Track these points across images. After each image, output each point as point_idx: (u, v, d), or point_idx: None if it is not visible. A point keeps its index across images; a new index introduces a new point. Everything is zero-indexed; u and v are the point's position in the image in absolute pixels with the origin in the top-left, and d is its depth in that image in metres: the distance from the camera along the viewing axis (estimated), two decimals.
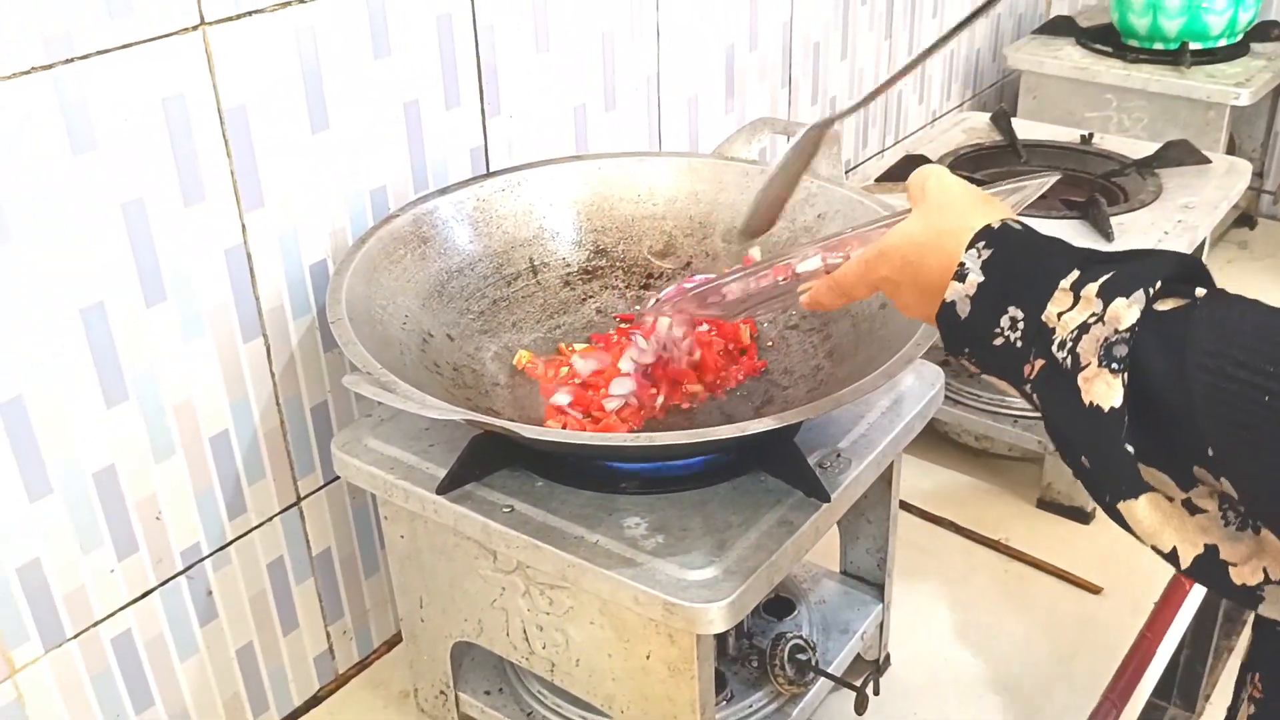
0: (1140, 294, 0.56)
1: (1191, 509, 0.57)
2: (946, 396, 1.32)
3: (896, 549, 1.07)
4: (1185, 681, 1.87)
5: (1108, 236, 1.24)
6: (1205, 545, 0.56)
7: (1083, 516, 1.29)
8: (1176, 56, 1.69)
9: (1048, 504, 1.31)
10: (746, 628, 0.99)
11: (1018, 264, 0.62)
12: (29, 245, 0.77)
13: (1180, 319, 0.55)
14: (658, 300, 0.87)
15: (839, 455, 0.87)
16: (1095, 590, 1.20)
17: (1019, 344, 0.61)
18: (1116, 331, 0.56)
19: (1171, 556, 0.57)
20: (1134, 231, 1.27)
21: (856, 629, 1.03)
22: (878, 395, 0.92)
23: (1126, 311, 0.56)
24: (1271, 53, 1.74)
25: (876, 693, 1.02)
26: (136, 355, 0.86)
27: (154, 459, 0.89)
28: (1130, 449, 0.55)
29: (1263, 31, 1.78)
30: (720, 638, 0.96)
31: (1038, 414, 0.63)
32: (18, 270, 0.77)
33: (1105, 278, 0.58)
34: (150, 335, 0.86)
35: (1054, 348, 0.59)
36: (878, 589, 1.07)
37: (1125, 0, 1.72)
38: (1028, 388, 0.62)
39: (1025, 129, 1.58)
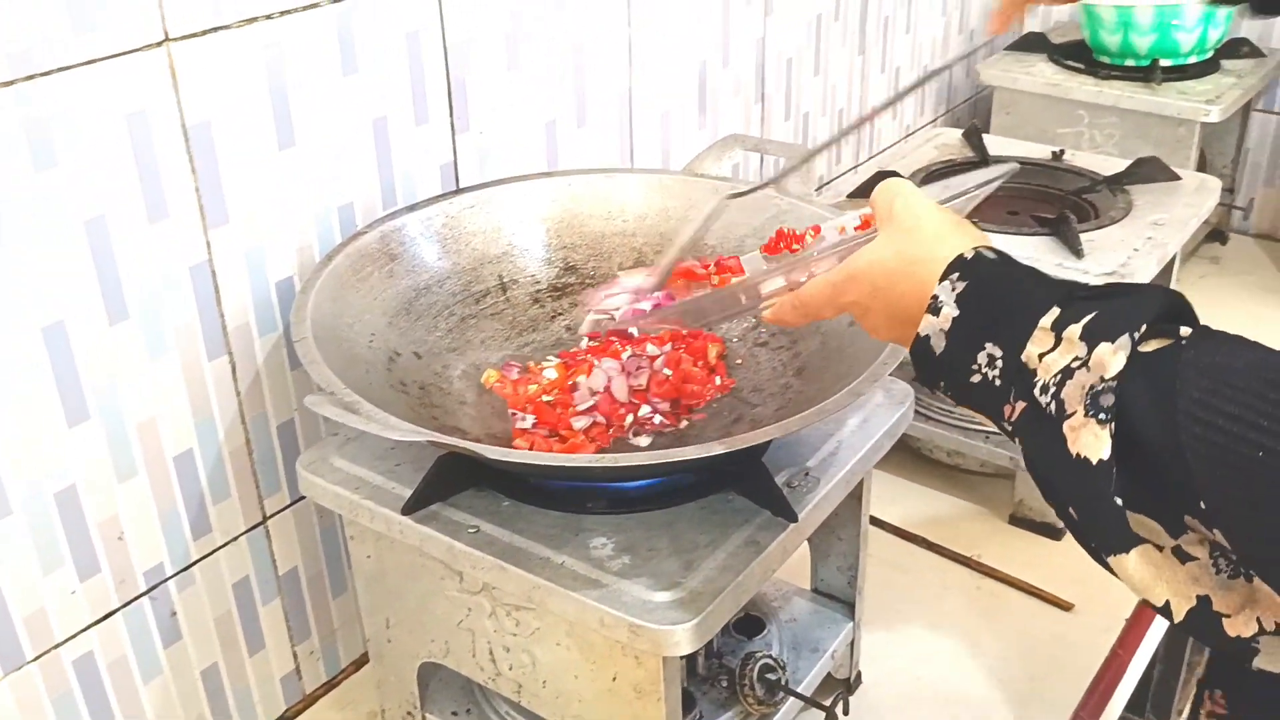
0: (1126, 339, 0.54)
1: (1182, 556, 0.55)
2: (918, 413, 1.32)
3: (868, 566, 1.06)
4: (1159, 695, 1.87)
5: (1078, 253, 1.25)
6: (1198, 597, 0.54)
7: (1054, 533, 1.29)
8: (1148, 73, 1.70)
9: (1019, 520, 1.31)
10: (716, 647, 0.99)
11: (994, 298, 0.61)
12: None
13: (1167, 362, 0.53)
14: (609, 316, 0.85)
15: (807, 474, 0.87)
16: (1067, 607, 1.20)
17: (998, 382, 0.59)
18: (1103, 379, 0.54)
19: (1165, 610, 0.55)
20: (1104, 248, 1.27)
21: (827, 647, 1.03)
22: (847, 413, 0.92)
23: (1112, 358, 0.54)
24: (1241, 70, 1.76)
25: (846, 712, 1.02)
26: (99, 374, 0.85)
27: (116, 479, 0.88)
28: (1119, 502, 0.54)
29: (1233, 49, 1.79)
30: (689, 657, 0.95)
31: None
32: None
33: (1088, 319, 0.56)
34: (113, 354, 0.86)
35: (1036, 391, 0.57)
36: (849, 607, 1.07)
37: (1096, 17, 1.73)
38: (1009, 428, 0.60)
39: (997, 145, 1.59)
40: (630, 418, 0.93)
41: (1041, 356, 0.57)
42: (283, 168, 0.93)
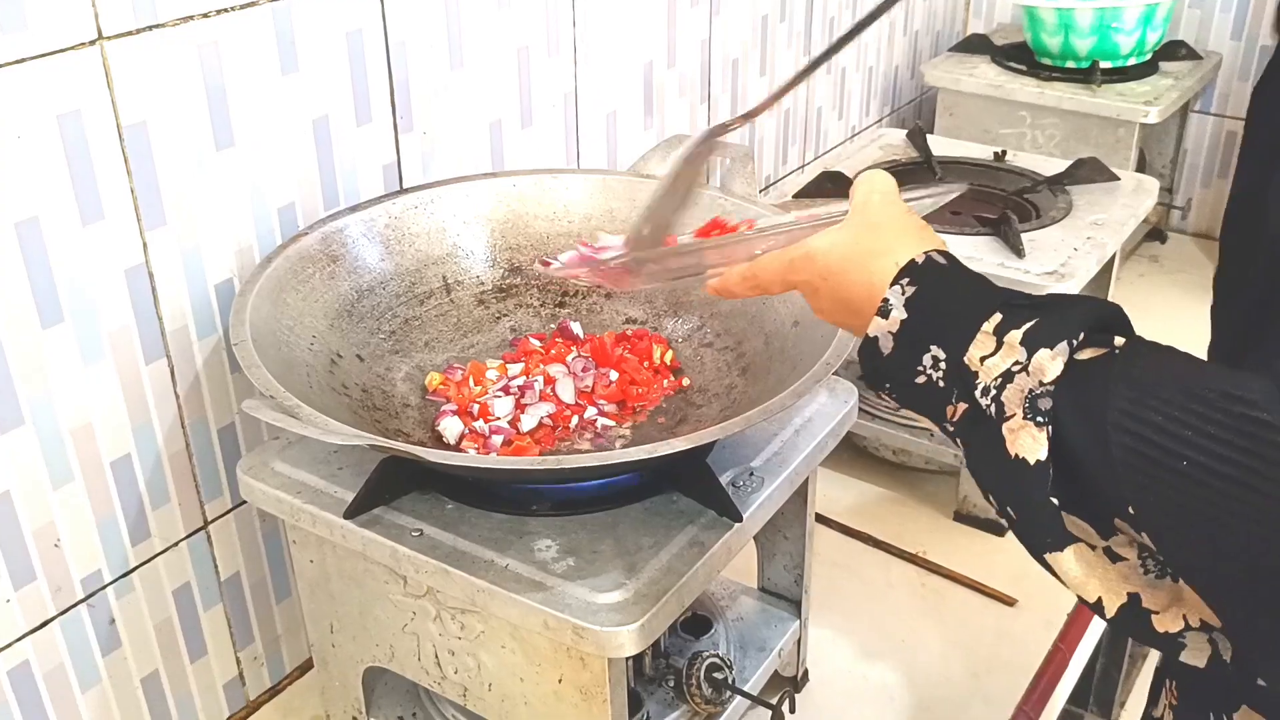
0: (1064, 345, 0.56)
1: (1113, 557, 0.57)
2: (864, 411, 1.33)
3: (815, 564, 1.07)
4: (1101, 688, 1.90)
5: (1019, 253, 1.26)
6: (1128, 594, 0.56)
7: (998, 529, 1.30)
8: (1088, 75, 1.73)
9: (964, 517, 1.33)
10: (664, 646, 0.99)
11: (940, 302, 0.62)
12: None
13: (1099, 371, 0.55)
14: (561, 264, 0.83)
15: (752, 474, 0.87)
16: (1010, 602, 1.21)
17: (941, 384, 0.61)
18: (1041, 384, 0.56)
19: (1097, 606, 0.57)
20: (1045, 248, 1.29)
21: (774, 646, 1.04)
22: (791, 413, 0.93)
23: (1050, 364, 0.56)
24: (1179, 72, 1.79)
25: (793, 710, 1.02)
26: (32, 379, 0.83)
27: (52, 485, 0.87)
28: (1055, 502, 0.56)
29: (1170, 51, 1.82)
30: (636, 658, 0.95)
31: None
32: None
33: (1028, 325, 0.58)
34: (47, 358, 0.84)
35: (977, 393, 0.59)
36: (795, 605, 1.07)
37: (1038, 19, 1.75)
38: (950, 428, 0.62)
39: (940, 146, 1.60)
40: (576, 419, 0.92)
41: (983, 359, 0.59)
42: (221, 168, 0.92)
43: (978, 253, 1.27)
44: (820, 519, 1.31)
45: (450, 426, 0.90)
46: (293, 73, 0.95)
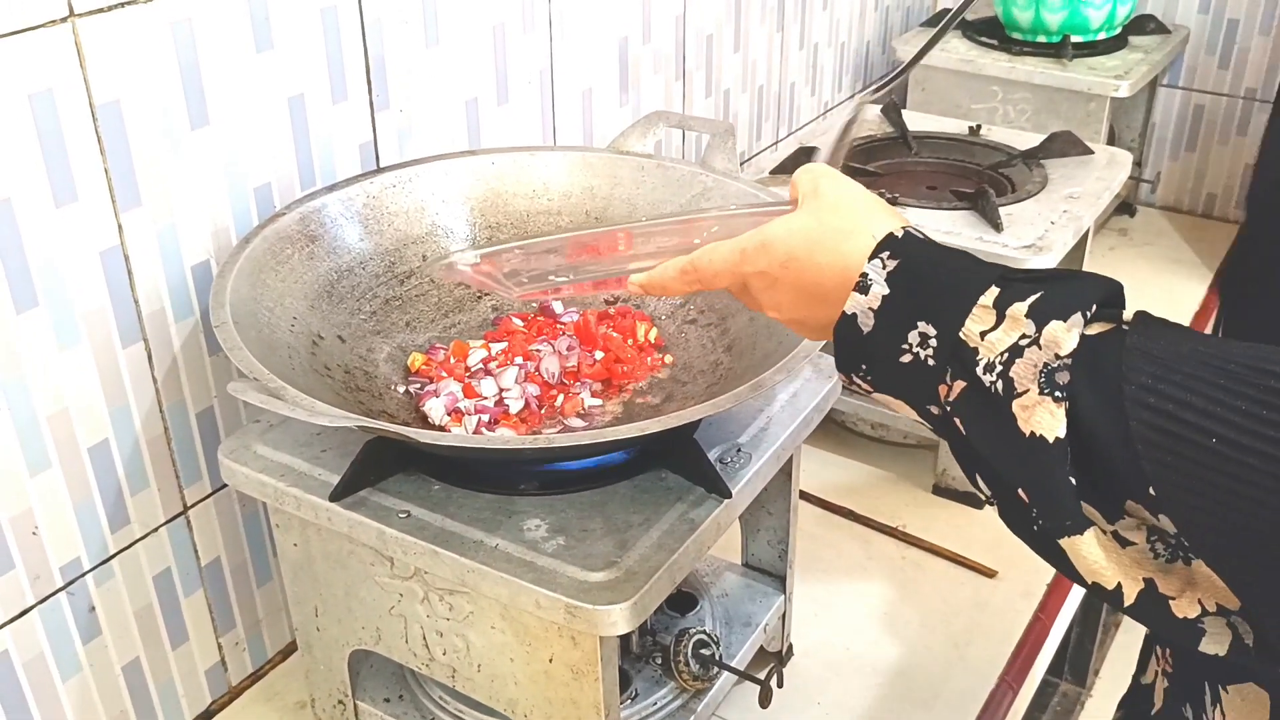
0: (1078, 317, 0.53)
1: (1121, 542, 0.54)
2: (843, 386, 1.33)
3: (797, 540, 1.07)
4: (1076, 658, 1.93)
5: (997, 227, 1.27)
6: (1144, 579, 0.54)
7: (976, 501, 1.31)
8: (1058, 49, 1.73)
9: (942, 490, 1.33)
10: (650, 624, 0.99)
11: (927, 277, 0.59)
12: None
13: (1112, 347, 0.53)
14: (455, 264, 0.75)
15: (739, 450, 0.87)
16: (990, 574, 1.22)
17: (930, 362, 0.58)
18: (1057, 357, 0.53)
19: (1115, 594, 0.54)
20: (1022, 222, 1.29)
21: (759, 621, 1.04)
22: (776, 388, 0.92)
23: (1066, 336, 0.53)
24: (1148, 46, 1.80)
25: (780, 684, 1.03)
26: (7, 364, 0.82)
27: (28, 472, 0.85)
28: (1074, 481, 0.53)
29: (1140, 25, 1.83)
30: (624, 636, 0.95)
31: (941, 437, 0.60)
32: None
33: (1034, 298, 0.55)
34: (21, 343, 0.82)
35: (979, 369, 0.55)
36: (779, 580, 1.07)
37: None
38: (944, 409, 0.58)
39: (915, 121, 1.60)
40: (561, 398, 0.92)
41: (984, 335, 0.56)
42: (196, 148, 0.91)
43: (955, 227, 1.27)
44: (800, 494, 1.31)
45: (436, 407, 0.89)
46: (267, 50, 0.94)
